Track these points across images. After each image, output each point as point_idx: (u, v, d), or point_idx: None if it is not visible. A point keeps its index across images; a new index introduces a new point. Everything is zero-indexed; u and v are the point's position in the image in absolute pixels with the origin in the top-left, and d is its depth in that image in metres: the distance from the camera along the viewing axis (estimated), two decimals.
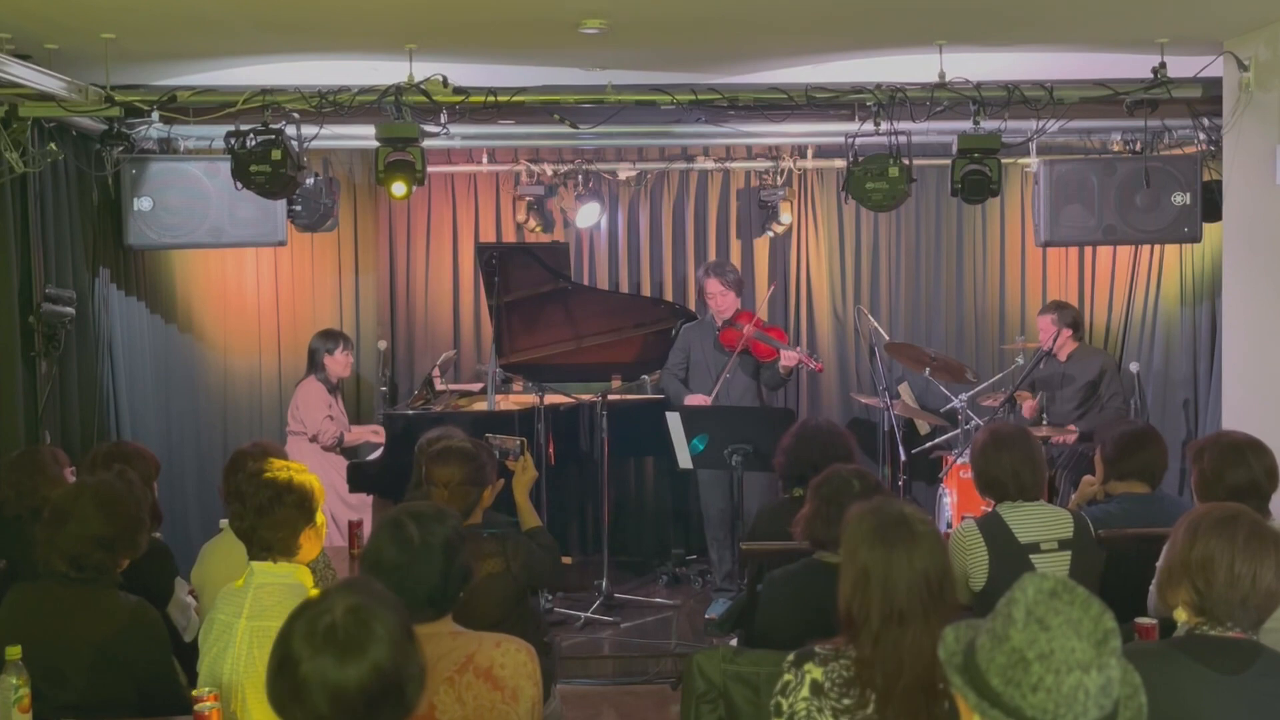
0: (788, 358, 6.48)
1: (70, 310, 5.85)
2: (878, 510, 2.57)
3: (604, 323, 7.01)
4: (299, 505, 3.23)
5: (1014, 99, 5.61)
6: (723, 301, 6.64)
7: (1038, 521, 3.79)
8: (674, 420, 6.06)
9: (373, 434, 6.84)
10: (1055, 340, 6.68)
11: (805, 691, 2.46)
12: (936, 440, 7.17)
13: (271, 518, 3.17)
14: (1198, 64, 5.45)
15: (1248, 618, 2.46)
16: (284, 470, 3.34)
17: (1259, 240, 5.30)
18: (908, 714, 2.38)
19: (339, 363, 6.80)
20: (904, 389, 7.51)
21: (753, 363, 6.67)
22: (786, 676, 2.51)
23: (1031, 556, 3.72)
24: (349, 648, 1.94)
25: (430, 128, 5.67)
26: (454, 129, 5.96)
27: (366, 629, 1.97)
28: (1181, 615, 2.55)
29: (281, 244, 6.57)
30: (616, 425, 6.51)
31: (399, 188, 5.57)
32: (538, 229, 7.44)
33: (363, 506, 6.40)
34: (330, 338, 6.85)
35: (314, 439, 6.62)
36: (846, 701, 2.41)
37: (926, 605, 2.43)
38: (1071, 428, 6.58)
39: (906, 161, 5.67)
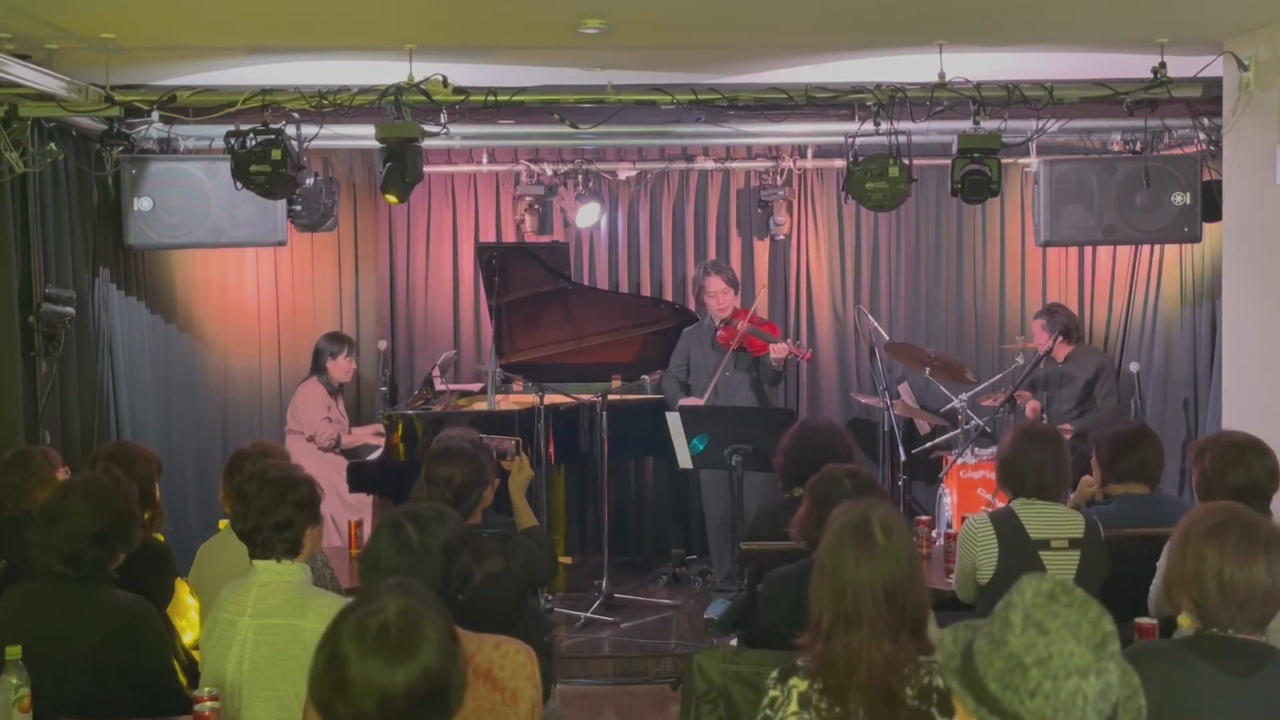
0: (777, 349, 6.48)
1: (70, 310, 5.85)
2: (849, 511, 2.58)
3: (604, 323, 7.01)
4: (302, 505, 3.23)
5: (1014, 99, 5.61)
6: (724, 300, 6.65)
7: (1050, 519, 3.81)
8: (674, 420, 6.06)
9: (373, 435, 6.85)
10: (1052, 347, 6.68)
11: (794, 706, 2.46)
12: (936, 440, 7.17)
13: (275, 518, 3.17)
14: (1198, 64, 5.45)
15: (1249, 621, 2.45)
16: (286, 470, 3.34)
17: (1259, 240, 5.30)
18: (869, 717, 2.38)
19: (341, 367, 6.80)
20: (904, 389, 7.51)
21: (749, 359, 6.67)
22: (773, 693, 2.51)
23: (1041, 553, 3.74)
24: (400, 650, 1.95)
25: (430, 128, 5.67)
26: (454, 129, 5.95)
27: (417, 631, 1.97)
28: (1185, 621, 2.55)
29: (281, 244, 6.57)
30: (616, 425, 6.50)
31: (392, 196, 5.64)
32: (532, 230, 7.44)
33: (363, 507, 6.40)
34: (336, 341, 6.86)
35: (311, 439, 6.62)
36: (838, 709, 2.41)
37: (874, 615, 2.41)
38: (1067, 426, 6.58)
39: (906, 161, 5.67)
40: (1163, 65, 5.46)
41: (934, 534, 5.02)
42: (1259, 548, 2.45)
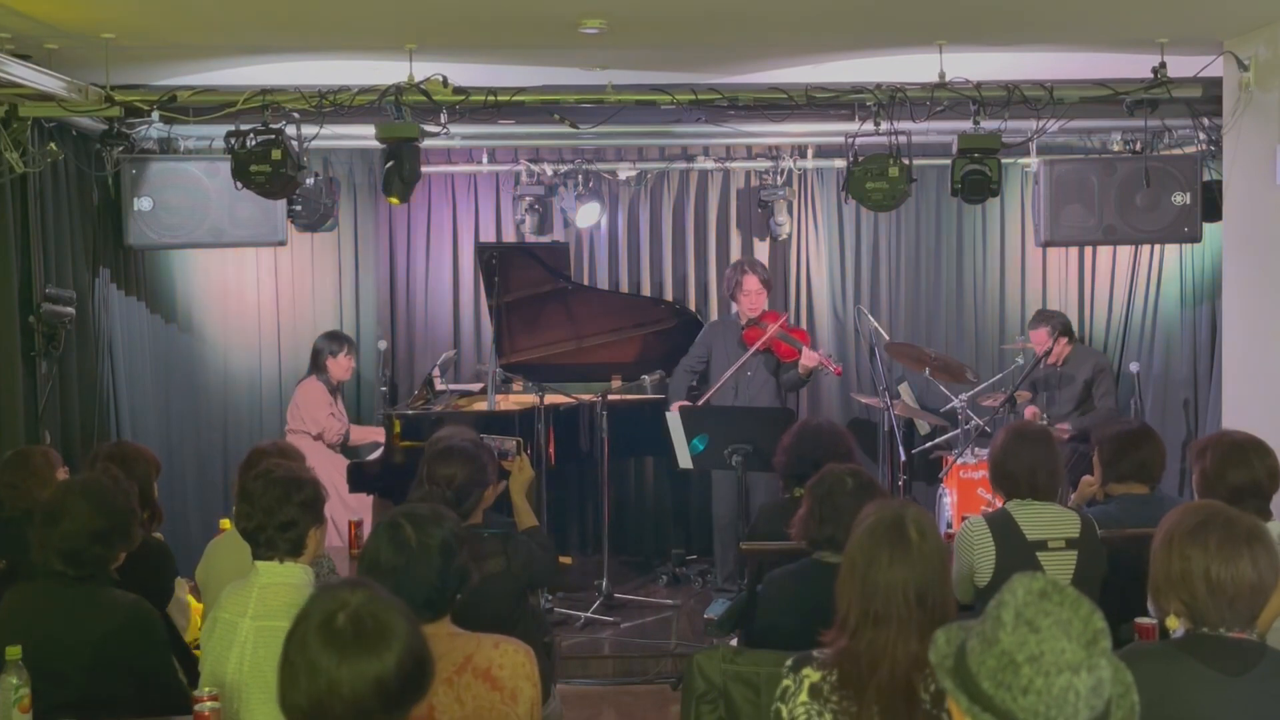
0: (808, 358, 6.48)
1: (70, 310, 5.86)
2: (882, 508, 2.58)
3: (604, 323, 7.02)
4: (307, 505, 3.23)
5: (1014, 99, 5.61)
6: (757, 299, 6.63)
7: (1046, 520, 3.81)
8: (674, 420, 6.06)
9: (377, 435, 6.85)
10: (1052, 348, 6.68)
11: (804, 696, 2.46)
12: (936, 440, 7.17)
13: (279, 518, 3.17)
14: (1198, 64, 5.45)
15: (1239, 617, 2.45)
16: (292, 470, 3.34)
17: (1259, 240, 5.30)
18: (885, 715, 2.38)
19: (341, 366, 6.81)
20: (904, 389, 7.51)
21: (774, 361, 6.68)
22: (785, 682, 2.51)
23: (1038, 554, 3.74)
24: (380, 635, 1.96)
25: (430, 128, 5.67)
26: (454, 129, 5.96)
27: (385, 612, 1.99)
28: (1174, 623, 2.55)
29: (281, 244, 6.58)
30: (616, 425, 6.50)
31: (394, 198, 5.65)
32: (532, 230, 7.44)
33: (363, 506, 6.41)
34: (335, 340, 6.86)
35: (318, 437, 6.63)
36: (851, 704, 2.41)
37: (904, 615, 2.41)
38: (1065, 426, 6.59)
39: (906, 161, 5.67)
40: (1163, 65, 5.46)
41: None
42: (1242, 543, 2.45)
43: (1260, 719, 2.39)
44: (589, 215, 7.45)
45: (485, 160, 7.52)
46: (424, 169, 5.94)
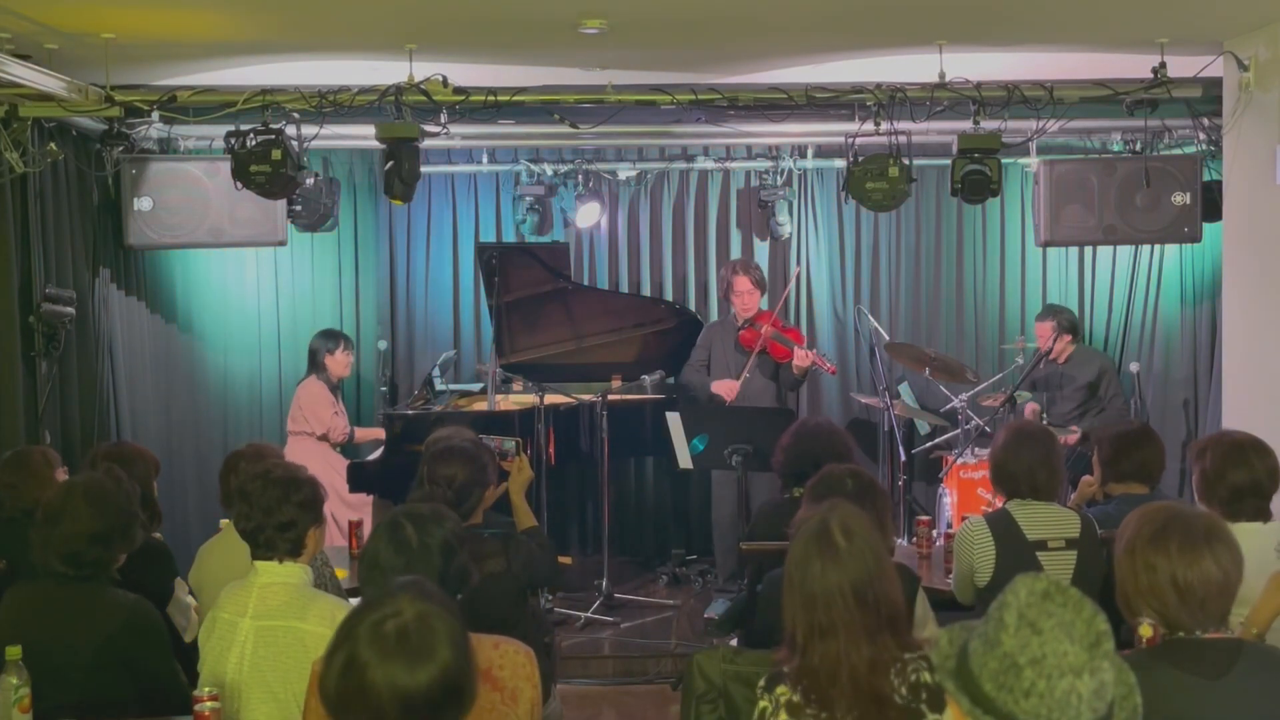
0: (800, 358, 6.49)
1: (70, 310, 5.86)
2: (810, 518, 2.58)
3: (604, 323, 7.02)
4: (305, 505, 3.23)
5: (1014, 99, 5.61)
6: (750, 300, 6.65)
7: (1046, 520, 3.82)
8: (674, 420, 6.05)
9: (379, 435, 6.85)
10: (1054, 345, 6.68)
11: (784, 715, 2.46)
12: (936, 440, 7.17)
13: (278, 518, 3.17)
14: (1198, 64, 5.45)
15: (1211, 617, 2.45)
16: (290, 470, 3.34)
17: (1259, 240, 5.30)
18: None
19: (339, 362, 6.80)
20: (904, 389, 7.51)
21: (771, 365, 6.69)
22: (762, 704, 2.50)
23: (1038, 554, 3.75)
24: (420, 653, 1.94)
25: (430, 128, 5.67)
26: (454, 129, 5.96)
27: (435, 633, 1.97)
28: (1147, 631, 2.54)
29: (281, 244, 6.57)
30: (616, 425, 6.50)
31: (397, 198, 5.65)
32: (532, 230, 7.43)
33: (363, 506, 6.40)
34: (330, 337, 6.85)
35: (322, 437, 6.62)
36: (825, 715, 2.41)
37: (848, 620, 2.41)
38: (1074, 429, 6.58)
39: (906, 161, 5.67)
40: (1163, 65, 5.46)
41: (934, 534, 5.02)
42: (1201, 543, 2.44)
43: (1244, 719, 2.39)
44: (589, 215, 7.45)
45: (485, 160, 7.52)
46: (424, 169, 5.94)
